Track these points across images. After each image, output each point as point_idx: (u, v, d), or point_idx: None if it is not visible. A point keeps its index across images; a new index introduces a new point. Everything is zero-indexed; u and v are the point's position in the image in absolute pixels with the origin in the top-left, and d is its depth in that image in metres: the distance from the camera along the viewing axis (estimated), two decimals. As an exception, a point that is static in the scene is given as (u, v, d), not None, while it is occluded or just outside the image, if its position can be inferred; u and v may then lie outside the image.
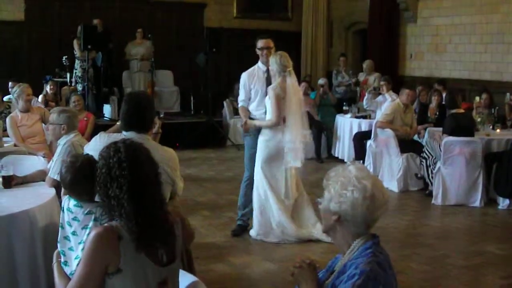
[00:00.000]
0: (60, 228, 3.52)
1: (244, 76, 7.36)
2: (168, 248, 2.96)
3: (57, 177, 5.03)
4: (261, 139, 7.07)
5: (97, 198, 3.50)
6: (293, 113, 6.91)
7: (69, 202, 3.53)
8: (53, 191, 4.96)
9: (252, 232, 7.15)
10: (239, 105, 7.47)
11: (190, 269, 4.38)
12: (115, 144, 2.96)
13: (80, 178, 3.49)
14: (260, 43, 7.32)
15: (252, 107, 7.27)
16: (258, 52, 7.31)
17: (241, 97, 7.40)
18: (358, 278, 2.58)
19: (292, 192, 7.11)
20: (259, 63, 7.31)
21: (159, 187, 3.00)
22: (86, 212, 3.47)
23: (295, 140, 6.91)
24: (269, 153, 7.00)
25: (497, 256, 6.66)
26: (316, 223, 7.04)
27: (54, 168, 5.15)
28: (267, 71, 7.20)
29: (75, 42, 13.27)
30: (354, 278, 2.59)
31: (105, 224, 2.88)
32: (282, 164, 6.99)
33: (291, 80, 6.90)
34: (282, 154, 6.95)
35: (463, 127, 8.74)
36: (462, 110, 9.09)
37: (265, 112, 7.04)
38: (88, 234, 3.25)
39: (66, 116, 5.53)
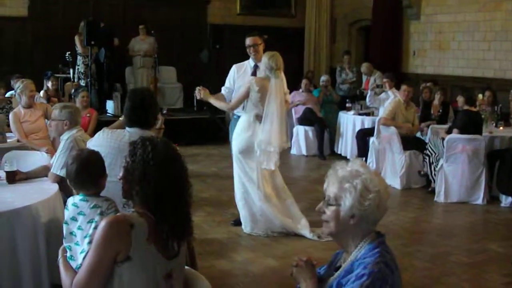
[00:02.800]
0: (64, 225, 3.53)
1: (234, 67, 7.58)
2: (177, 243, 2.99)
3: (59, 173, 5.05)
4: (236, 131, 7.21)
5: (102, 193, 3.55)
6: (271, 115, 6.90)
7: (74, 199, 3.55)
8: (56, 186, 4.97)
9: (243, 227, 7.22)
10: (221, 91, 7.67)
11: (193, 265, 4.40)
12: (153, 139, 3.06)
13: (86, 168, 3.51)
14: (246, 41, 7.44)
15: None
16: (247, 49, 7.39)
17: (226, 85, 7.65)
18: (366, 278, 2.58)
19: (266, 188, 7.09)
20: (250, 59, 7.45)
21: (186, 187, 3.10)
22: (91, 206, 3.48)
23: (270, 143, 6.91)
24: (242, 145, 7.09)
25: (499, 254, 6.66)
26: (301, 219, 7.09)
27: (57, 163, 5.16)
28: (255, 66, 7.33)
29: (76, 38, 13.28)
30: (363, 279, 2.59)
31: (117, 214, 2.91)
32: (254, 157, 7.02)
33: (276, 81, 6.87)
34: (253, 148, 6.98)
35: (474, 124, 8.75)
36: (474, 109, 9.09)
37: (243, 108, 7.14)
38: (95, 228, 3.27)
39: (68, 111, 5.53)
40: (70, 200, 3.57)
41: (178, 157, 3.07)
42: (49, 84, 11.73)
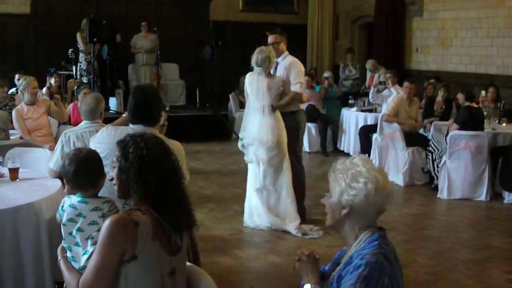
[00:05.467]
0: (62, 226, 3.49)
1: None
2: (180, 238, 2.99)
3: (54, 167, 5.16)
4: None
5: (101, 194, 3.51)
6: (251, 109, 7.13)
7: (71, 200, 3.50)
8: (58, 183, 4.96)
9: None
10: None
11: (196, 262, 4.39)
12: (142, 135, 3.06)
13: (83, 169, 3.45)
14: (268, 39, 7.55)
15: None
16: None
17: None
18: (363, 269, 2.58)
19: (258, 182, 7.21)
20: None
21: (182, 179, 3.08)
22: (91, 208, 3.42)
23: (249, 137, 7.10)
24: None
25: (503, 250, 6.66)
26: (294, 219, 7.14)
27: (53, 158, 5.23)
28: (276, 63, 7.43)
29: (78, 35, 13.28)
30: (360, 269, 2.59)
31: (121, 212, 2.90)
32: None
33: (258, 77, 7.04)
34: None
35: (475, 120, 8.73)
36: (475, 105, 9.08)
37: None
38: (98, 230, 3.25)
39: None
40: (67, 201, 3.49)
41: (169, 149, 3.09)
42: (52, 81, 11.73)
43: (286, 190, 7.16)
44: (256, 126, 7.02)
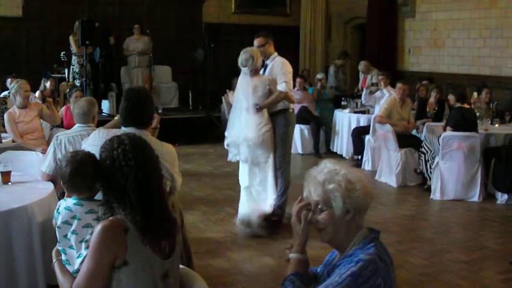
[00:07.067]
0: (57, 229, 3.47)
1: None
2: (169, 241, 2.98)
3: (45, 170, 5.16)
4: None
5: (97, 197, 3.50)
6: (236, 109, 7.20)
7: (66, 202, 3.48)
8: (51, 186, 4.96)
9: None
10: None
11: (189, 264, 4.39)
12: (118, 137, 3.01)
13: (80, 171, 3.41)
14: (254, 42, 7.52)
15: None
16: None
17: None
18: (354, 265, 2.57)
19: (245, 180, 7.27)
20: None
21: (161, 180, 3.06)
22: (86, 211, 3.40)
23: (235, 136, 7.18)
24: None
25: (496, 251, 6.67)
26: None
27: (44, 161, 5.23)
28: (265, 65, 7.43)
29: (71, 38, 13.24)
30: (352, 263, 2.57)
31: (111, 217, 2.89)
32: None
33: (244, 77, 7.13)
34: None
35: (468, 121, 8.75)
36: (467, 106, 9.09)
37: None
38: (92, 233, 3.24)
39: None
40: (62, 204, 3.47)
41: (150, 148, 3.06)
42: (47, 84, 11.71)
43: (271, 189, 7.23)
44: (242, 125, 7.05)
